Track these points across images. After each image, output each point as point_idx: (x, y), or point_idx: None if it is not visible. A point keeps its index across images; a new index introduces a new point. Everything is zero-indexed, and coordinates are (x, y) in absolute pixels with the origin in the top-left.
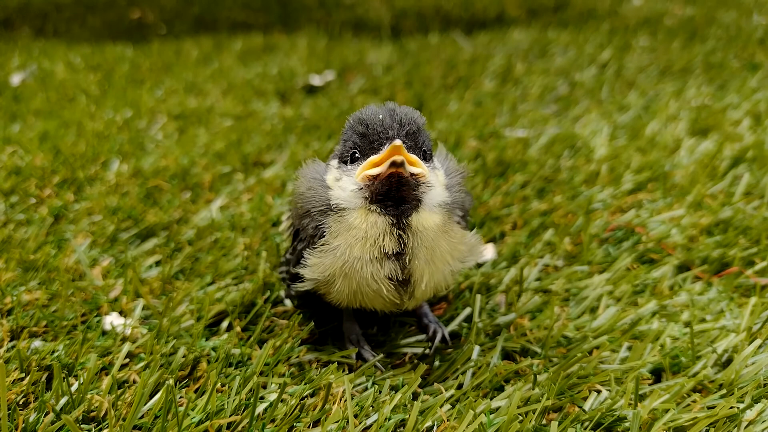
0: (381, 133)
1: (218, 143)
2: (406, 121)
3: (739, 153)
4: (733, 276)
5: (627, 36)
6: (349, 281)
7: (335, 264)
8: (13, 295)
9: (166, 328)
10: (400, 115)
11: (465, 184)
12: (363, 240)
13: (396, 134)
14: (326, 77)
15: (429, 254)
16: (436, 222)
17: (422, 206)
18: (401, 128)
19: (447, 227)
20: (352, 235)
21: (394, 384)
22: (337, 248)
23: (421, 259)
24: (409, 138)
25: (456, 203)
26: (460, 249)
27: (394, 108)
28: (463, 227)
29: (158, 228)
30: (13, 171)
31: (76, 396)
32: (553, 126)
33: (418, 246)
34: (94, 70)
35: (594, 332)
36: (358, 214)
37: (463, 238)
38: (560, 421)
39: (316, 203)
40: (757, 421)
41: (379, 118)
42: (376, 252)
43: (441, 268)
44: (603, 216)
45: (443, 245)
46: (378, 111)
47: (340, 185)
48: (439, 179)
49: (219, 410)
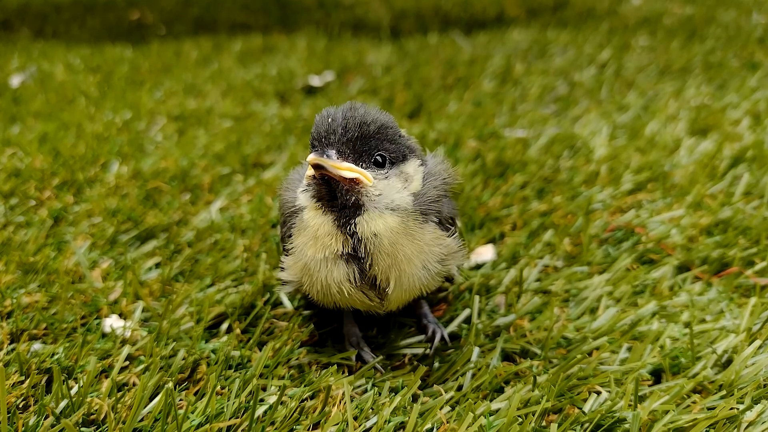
0: (324, 136)
1: (218, 144)
2: (353, 125)
3: (739, 153)
4: (732, 276)
5: (626, 36)
6: (312, 282)
7: (297, 264)
8: (13, 297)
9: (165, 331)
10: (349, 119)
11: (446, 190)
12: (314, 239)
13: (337, 139)
14: (325, 78)
15: (389, 258)
16: (389, 225)
17: (367, 210)
18: (344, 133)
19: (410, 230)
20: (306, 233)
21: (393, 386)
22: (296, 248)
23: (382, 263)
24: (349, 144)
25: (428, 208)
26: (434, 251)
27: (349, 110)
28: (442, 232)
29: (158, 230)
30: (12, 173)
31: (75, 399)
32: (552, 126)
33: (375, 250)
34: (93, 72)
35: (594, 333)
36: (309, 213)
37: (438, 240)
38: (560, 423)
39: (287, 205)
40: (757, 422)
41: (328, 121)
42: (326, 252)
43: (411, 271)
44: (603, 216)
45: (407, 248)
46: (331, 113)
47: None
48: (410, 185)
49: (219, 413)
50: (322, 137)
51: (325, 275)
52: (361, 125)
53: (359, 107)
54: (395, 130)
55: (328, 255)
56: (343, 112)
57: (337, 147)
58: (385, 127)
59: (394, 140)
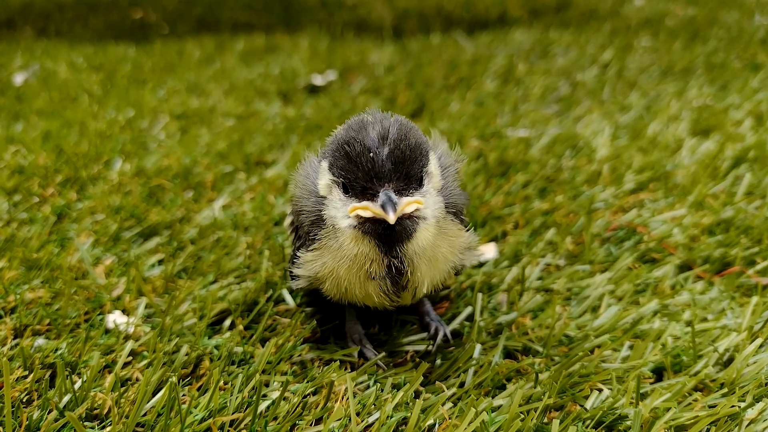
0: (372, 175)
1: (220, 143)
2: (401, 157)
3: (741, 153)
4: (734, 275)
5: (629, 36)
6: (338, 286)
7: (324, 271)
8: (17, 293)
9: (168, 327)
10: (394, 150)
11: (459, 179)
12: (350, 263)
13: (389, 177)
14: (328, 77)
15: (428, 262)
16: (430, 235)
17: (418, 229)
18: (395, 168)
19: (443, 230)
20: (341, 254)
21: (396, 382)
22: (325, 262)
23: (423, 270)
24: (402, 178)
25: (449, 202)
26: (459, 242)
27: (385, 141)
28: (460, 222)
29: (161, 227)
30: (16, 170)
31: (79, 394)
32: (554, 126)
33: (418, 261)
34: (96, 70)
35: (595, 331)
36: (348, 238)
37: (461, 233)
38: (562, 420)
39: (307, 209)
40: (758, 420)
41: (370, 157)
42: (362, 276)
43: (442, 269)
44: (605, 215)
45: (443, 248)
46: (367, 144)
47: (332, 204)
48: (434, 185)
49: (222, 408)
50: (370, 175)
51: (358, 289)
52: (409, 154)
53: (395, 130)
54: (421, 134)
55: (364, 278)
56: (383, 143)
57: (392, 185)
58: (420, 143)
59: (425, 148)
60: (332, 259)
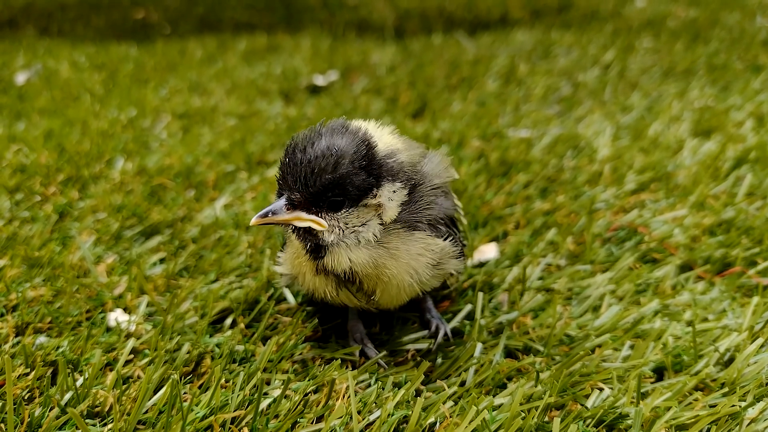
0: (282, 179)
1: (222, 142)
2: (306, 173)
3: (742, 154)
4: (735, 276)
5: (630, 37)
6: (304, 284)
7: (288, 270)
8: (19, 291)
9: (170, 325)
10: (304, 166)
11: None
12: (295, 256)
13: (291, 186)
14: (330, 77)
15: (374, 278)
16: (361, 257)
17: (332, 250)
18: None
19: (392, 250)
20: (291, 248)
21: (397, 381)
22: (287, 258)
23: (368, 281)
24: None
25: (416, 218)
26: (424, 259)
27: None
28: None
29: (162, 226)
30: (18, 169)
31: (81, 391)
32: (556, 126)
33: (358, 275)
34: (98, 70)
35: (596, 331)
36: (291, 235)
37: (429, 247)
38: (562, 418)
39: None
40: (759, 420)
41: (285, 161)
42: (305, 269)
43: (397, 283)
44: (606, 216)
45: (391, 268)
46: (294, 152)
47: None
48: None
49: (223, 405)
50: (280, 180)
51: (309, 282)
52: (314, 175)
53: (318, 149)
54: (360, 163)
55: (306, 271)
56: (301, 156)
57: (288, 195)
58: (343, 172)
59: (355, 177)
60: (290, 255)
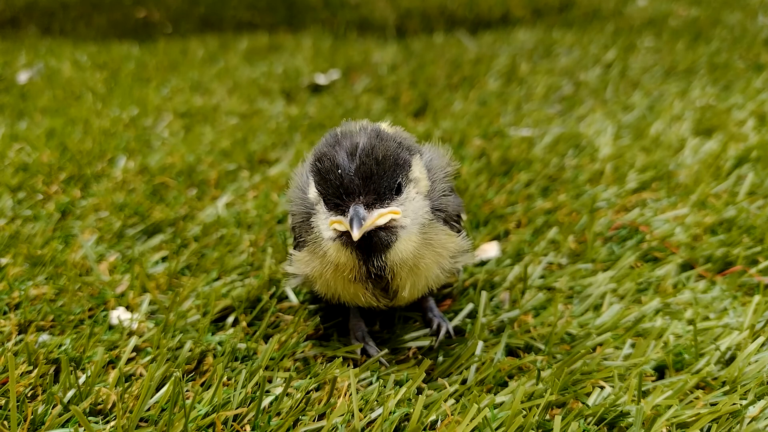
0: (342, 191)
1: (224, 141)
2: (368, 171)
3: (744, 153)
4: (736, 274)
5: (631, 36)
6: (327, 287)
7: (314, 273)
8: (21, 289)
9: (172, 323)
10: (361, 165)
11: (451, 182)
12: (335, 269)
13: (358, 192)
14: (331, 76)
15: (411, 271)
16: (414, 244)
17: (399, 239)
18: (364, 183)
19: (428, 237)
20: (326, 260)
21: (398, 379)
22: (314, 266)
23: (403, 276)
24: (371, 192)
25: (437, 207)
26: (449, 248)
27: (353, 157)
28: (449, 228)
29: (164, 224)
30: (20, 167)
31: (83, 389)
32: (557, 125)
33: (399, 268)
34: (100, 69)
35: (597, 329)
36: (332, 247)
37: (450, 239)
38: (563, 417)
39: (299, 214)
40: (759, 418)
41: (338, 173)
42: (346, 280)
43: (425, 275)
44: (607, 214)
45: (427, 257)
46: (336, 161)
47: (318, 215)
48: (421, 189)
49: (225, 403)
50: (340, 192)
51: (342, 289)
52: (377, 168)
53: (363, 145)
54: (397, 142)
55: (347, 279)
56: (352, 159)
57: (362, 200)
58: (394, 153)
59: (401, 157)
60: (320, 264)
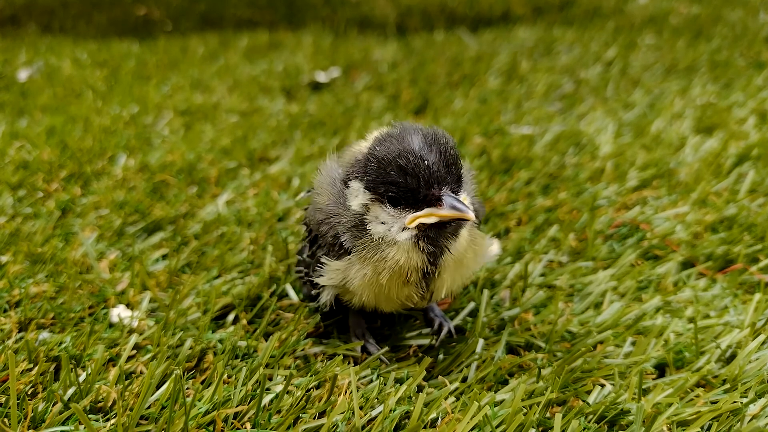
0: (429, 182)
1: (224, 139)
2: (451, 161)
3: (744, 151)
4: (737, 273)
5: (632, 34)
6: (371, 295)
7: (360, 282)
8: (21, 287)
9: (172, 321)
10: (443, 153)
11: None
12: (396, 272)
13: (445, 181)
14: (331, 74)
15: (455, 268)
16: (466, 240)
17: (461, 233)
18: (449, 173)
19: (472, 237)
20: (384, 265)
21: (399, 377)
22: (365, 274)
23: (448, 273)
24: (455, 180)
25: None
26: (482, 251)
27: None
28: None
29: (165, 222)
30: (20, 165)
31: (84, 386)
32: (558, 123)
33: (446, 265)
34: (100, 67)
35: (598, 327)
36: (398, 250)
37: (483, 241)
38: (564, 414)
39: (339, 225)
40: (760, 416)
41: (425, 164)
42: (401, 283)
43: (464, 274)
44: (608, 212)
45: (468, 253)
46: (419, 153)
47: (380, 220)
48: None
49: (226, 401)
50: (430, 182)
51: (395, 295)
52: (455, 155)
53: (436, 136)
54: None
55: (401, 283)
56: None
57: (449, 188)
58: (455, 146)
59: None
60: (372, 271)
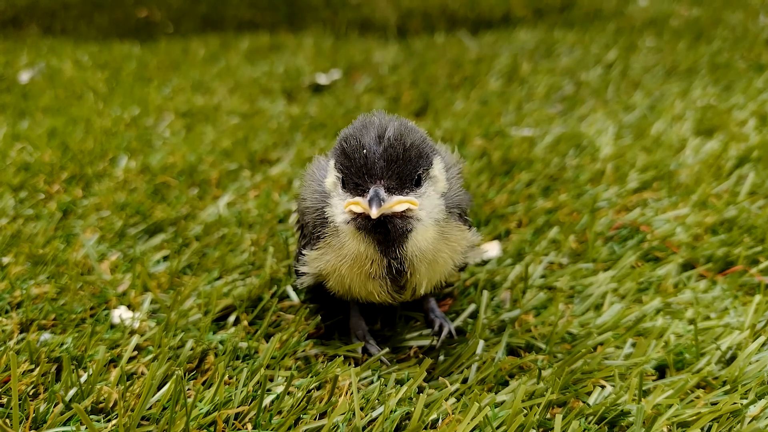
0: (364, 171)
1: (225, 141)
2: (394, 155)
3: (745, 153)
4: (737, 274)
5: (633, 36)
6: (341, 283)
7: (327, 268)
8: (23, 288)
9: (174, 322)
10: (388, 149)
11: (462, 180)
12: (351, 262)
13: (380, 174)
14: (332, 76)
15: (428, 266)
16: (431, 238)
17: (415, 230)
18: (387, 166)
19: (445, 233)
20: (342, 254)
21: (399, 378)
22: (329, 260)
23: (422, 271)
24: (394, 176)
25: (453, 204)
26: (462, 244)
27: (387, 139)
28: (462, 223)
29: (166, 224)
30: (22, 167)
31: (85, 387)
32: (558, 125)
33: (417, 263)
34: (101, 68)
35: (598, 329)
36: (348, 238)
37: (463, 235)
38: (564, 415)
39: (312, 207)
40: (760, 417)
41: (363, 153)
42: (363, 275)
43: (441, 270)
44: (608, 214)
45: (443, 251)
46: (363, 142)
47: (334, 202)
48: (438, 188)
49: (227, 401)
50: (363, 172)
51: (359, 287)
52: (404, 154)
53: (392, 130)
54: (424, 137)
55: (364, 274)
56: (379, 141)
57: (383, 183)
58: (420, 145)
59: (426, 151)
60: (335, 258)
